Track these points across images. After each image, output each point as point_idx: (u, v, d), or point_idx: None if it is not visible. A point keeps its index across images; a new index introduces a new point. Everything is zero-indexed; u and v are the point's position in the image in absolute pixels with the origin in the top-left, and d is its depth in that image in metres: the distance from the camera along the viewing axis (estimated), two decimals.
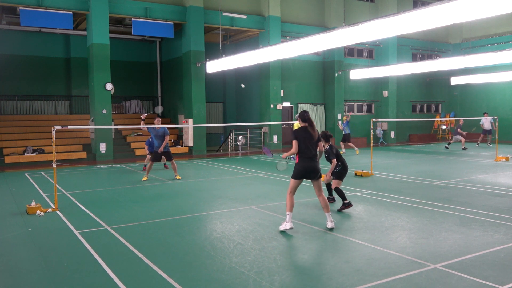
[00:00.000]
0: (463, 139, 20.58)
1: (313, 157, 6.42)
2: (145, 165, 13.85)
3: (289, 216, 6.39)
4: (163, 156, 12.03)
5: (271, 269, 4.90)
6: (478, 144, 22.20)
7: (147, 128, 11.94)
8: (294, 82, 23.39)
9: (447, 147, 21.19)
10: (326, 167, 11.45)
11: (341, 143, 19.09)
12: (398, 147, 23.28)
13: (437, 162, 15.74)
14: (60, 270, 5.03)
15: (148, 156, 13.35)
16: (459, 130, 20.65)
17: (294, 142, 6.39)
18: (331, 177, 8.09)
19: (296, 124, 15.63)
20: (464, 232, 6.31)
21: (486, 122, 21.40)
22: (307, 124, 6.48)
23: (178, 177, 12.03)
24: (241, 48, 21.63)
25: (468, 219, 7.08)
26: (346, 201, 7.81)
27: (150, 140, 12.95)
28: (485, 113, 21.89)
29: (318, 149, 6.58)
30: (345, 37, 10.23)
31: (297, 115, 6.75)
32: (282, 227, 6.44)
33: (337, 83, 24.03)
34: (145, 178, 11.85)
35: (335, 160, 7.99)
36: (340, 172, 8.12)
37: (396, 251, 5.46)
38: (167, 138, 11.67)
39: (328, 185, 8.40)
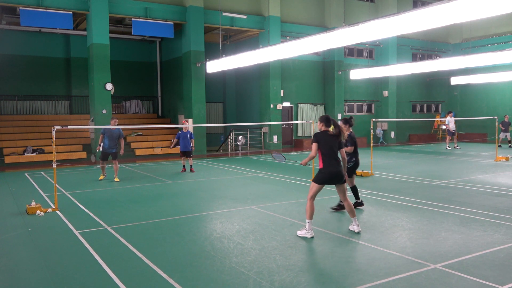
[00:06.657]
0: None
1: (338, 161, 6.16)
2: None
3: (309, 224, 6.04)
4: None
5: (271, 269, 4.90)
6: (448, 147, 20.57)
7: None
8: (294, 82, 23.39)
9: (511, 146, 20.69)
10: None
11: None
12: (398, 147, 23.25)
13: (437, 162, 15.73)
14: (60, 270, 5.03)
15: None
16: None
17: (314, 145, 6.14)
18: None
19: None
20: (464, 232, 6.31)
21: (451, 122, 19.91)
22: (329, 128, 6.17)
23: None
24: (241, 48, 21.63)
25: (468, 219, 7.08)
26: (359, 200, 7.99)
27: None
28: (450, 112, 20.51)
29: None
30: (345, 37, 10.23)
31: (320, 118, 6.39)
32: (300, 234, 6.14)
33: (337, 83, 24.03)
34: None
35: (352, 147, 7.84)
36: (353, 167, 7.99)
37: (396, 251, 5.46)
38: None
39: (353, 188, 7.98)
